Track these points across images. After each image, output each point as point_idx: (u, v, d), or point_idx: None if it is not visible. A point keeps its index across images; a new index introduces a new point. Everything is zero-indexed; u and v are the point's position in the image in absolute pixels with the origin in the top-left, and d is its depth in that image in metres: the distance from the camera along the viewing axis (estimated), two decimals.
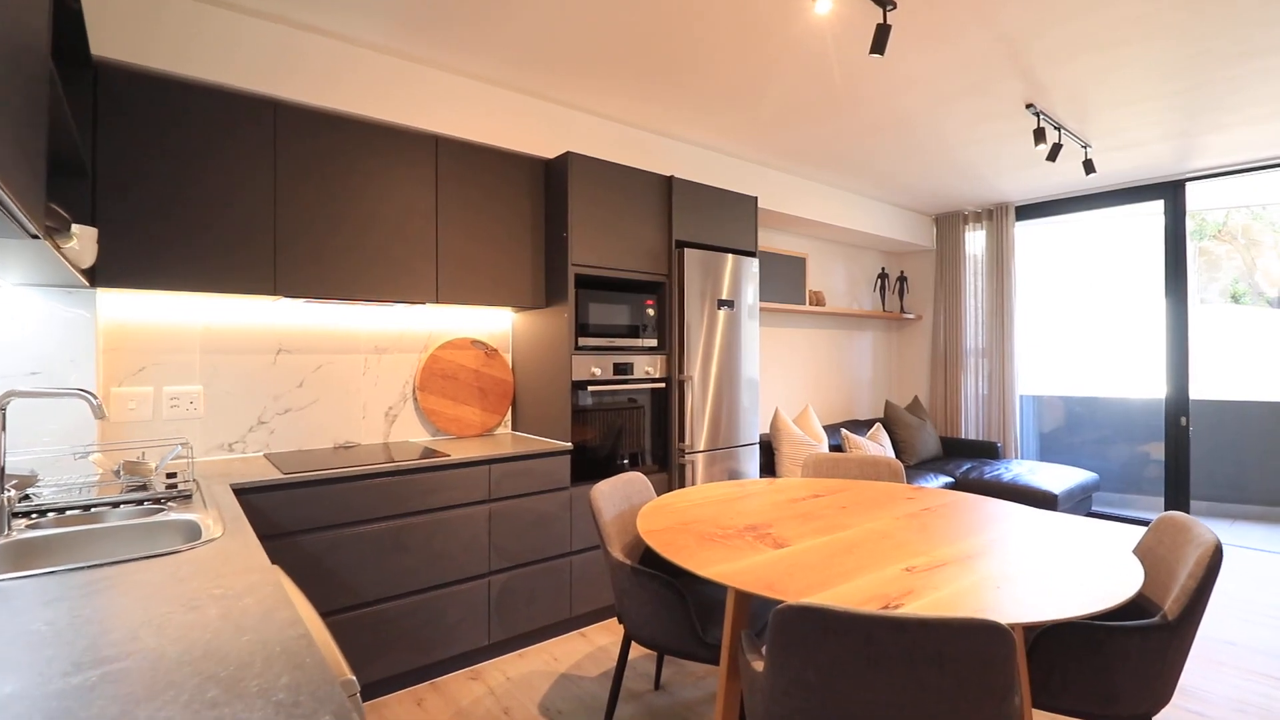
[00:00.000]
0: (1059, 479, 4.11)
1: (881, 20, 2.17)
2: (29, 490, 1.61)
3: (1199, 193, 4.31)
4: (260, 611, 0.91)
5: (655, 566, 2.08)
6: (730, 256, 3.29)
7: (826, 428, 4.51)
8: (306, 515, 2.06)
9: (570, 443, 2.74)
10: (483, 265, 2.75)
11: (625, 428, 2.96)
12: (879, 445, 4.36)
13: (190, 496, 1.67)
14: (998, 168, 4.04)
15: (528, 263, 2.89)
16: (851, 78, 2.74)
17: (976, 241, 5.09)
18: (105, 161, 1.93)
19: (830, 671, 1.10)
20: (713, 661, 1.76)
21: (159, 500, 1.61)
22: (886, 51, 2.36)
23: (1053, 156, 3.27)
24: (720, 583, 1.42)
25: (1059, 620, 1.22)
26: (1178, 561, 1.57)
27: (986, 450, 4.80)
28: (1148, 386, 4.67)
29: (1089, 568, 1.49)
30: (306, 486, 2.06)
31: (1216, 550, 1.43)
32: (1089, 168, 3.58)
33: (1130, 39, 2.41)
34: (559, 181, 2.84)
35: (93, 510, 1.52)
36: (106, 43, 1.95)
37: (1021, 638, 1.45)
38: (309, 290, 2.30)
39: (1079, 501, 4.27)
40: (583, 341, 2.80)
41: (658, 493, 3.01)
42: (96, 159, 1.92)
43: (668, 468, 3.10)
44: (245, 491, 1.95)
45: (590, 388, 2.83)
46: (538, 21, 2.29)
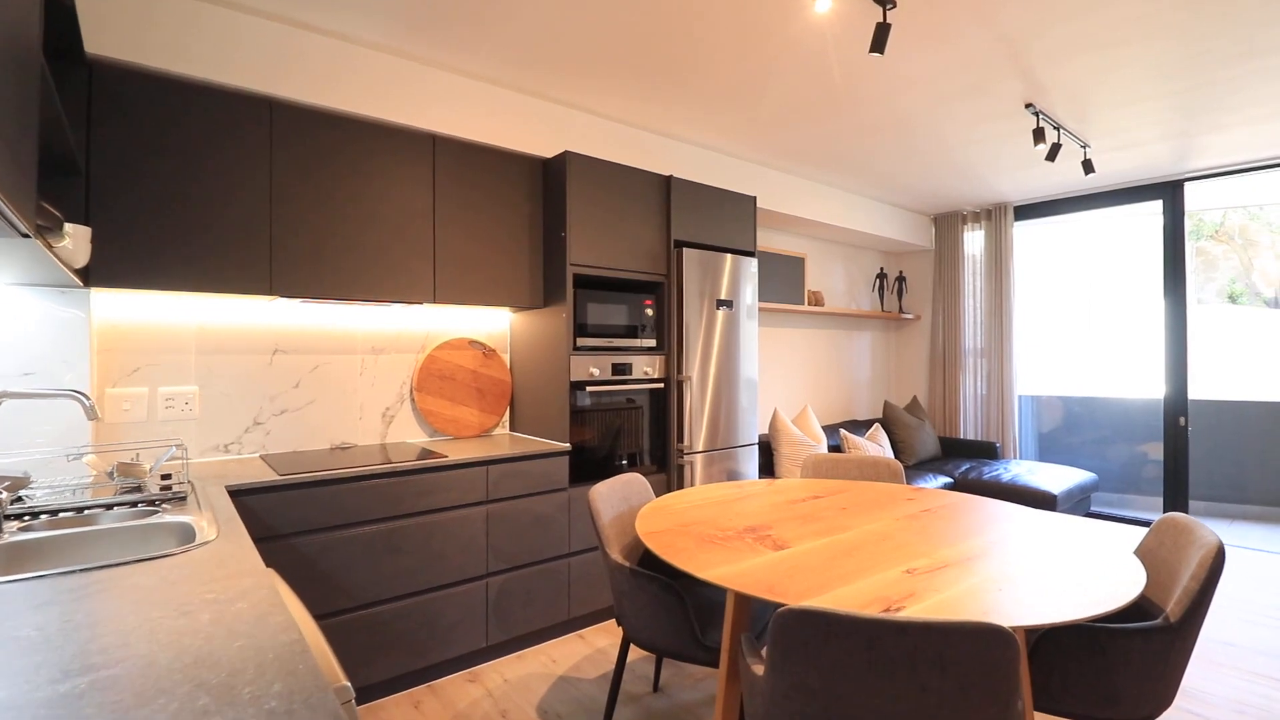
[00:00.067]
0: (1058, 479, 4.10)
1: (881, 19, 2.16)
2: (21, 492, 1.59)
3: (1197, 193, 4.31)
4: (253, 616, 0.90)
5: (654, 568, 2.07)
6: (729, 256, 3.28)
7: (825, 428, 4.50)
8: (303, 517, 2.04)
9: (568, 443, 2.72)
10: (480, 265, 2.73)
11: (624, 428, 2.94)
12: (878, 446, 4.36)
13: (185, 498, 1.65)
14: (997, 168, 4.04)
15: (526, 263, 2.88)
16: (851, 77, 2.73)
17: (975, 241, 5.09)
18: (100, 160, 1.92)
19: (832, 675, 1.09)
20: (712, 664, 1.75)
21: (153, 502, 1.59)
22: (886, 51, 2.35)
23: (1052, 156, 3.26)
24: (720, 585, 1.41)
25: (1062, 623, 1.21)
26: (1180, 563, 1.56)
27: (985, 450, 4.79)
28: (1146, 386, 4.67)
29: (1090, 569, 1.49)
30: (302, 488, 2.05)
31: (1219, 552, 1.42)
32: (1088, 168, 3.58)
33: (1130, 39, 2.40)
34: (557, 181, 2.82)
35: (86, 512, 1.50)
36: (101, 41, 1.94)
37: (1023, 640, 1.44)
38: (306, 290, 2.29)
39: (1078, 502, 4.27)
40: (581, 342, 2.79)
41: (656, 494, 3.00)
42: (90, 158, 1.90)
43: (666, 468, 3.09)
44: (240, 493, 1.93)
45: (589, 388, 2.82)
46: (536, 21, 2.28)
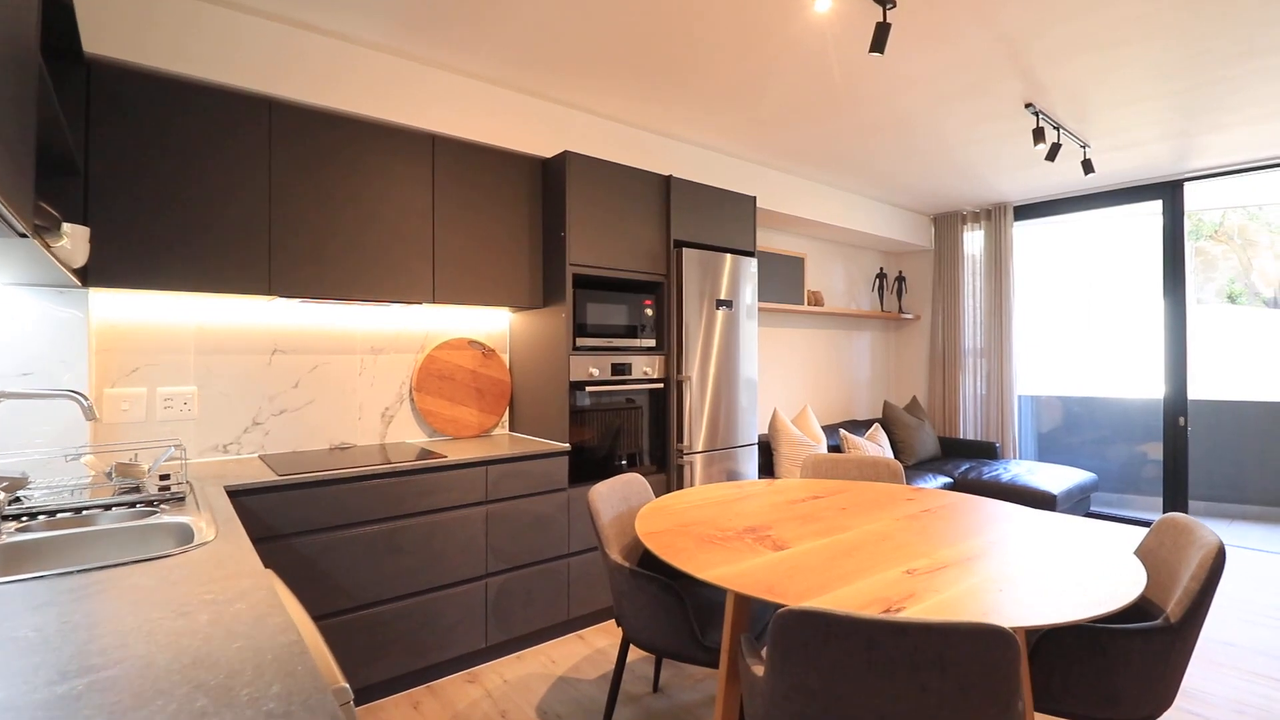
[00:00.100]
0: (1058, 479, 4.10)
1: (881, 19, 2.16)
2: (20, 492, 1.59)
3: (1196, 193, 4.31)
4: (252, 617, 0.90)
5: (654, 568, 2.07)
6: (729, 256, 3.28)
7: (825, 428, 4.50)
8: (302, 517, 2.04)
9: (568, 444, 2.72)
10: (480, 265, 2.73)
11: (623, 428, 2.94)
12: (877, 446, 4.36)
13: (183, 499, 1.65)
14: (996, 167, 4.04)
15: (525, 262, 2.87)
16: (851, 77, 2.73)
17: (975, 241, 5.09)
18: (98, 160, 1.91)
19: (832, 676, 1.09)
20: (712, 665, 1.75)
21: (151, 503, 1.59)
22: (886, 51, 2.35)
23: (1051, 156, 3.26)
24: (719, 586, 1.40)
25: (1062, 623, 1.21)
26: (1180, 563, 1.56)
27: (985, 450, 4.79)
28: (1146, 386, 4.67)
29: (1091, 570, 1.48)
30: (301, 488, 2.04)
31: (1219, 552, 1.42)
32: (1088, 168, 3.58)
33: (1130, 39, 2.40)
34: (557, 181, 2.82)
35: (84, 513, 1.50)
36: (100, 40, 1.93)
37: (1024, 640, 1.44)
38: (305, 290, 2.28)
39: (1077, 502, 4.27)
40: (580, 342, 2.79)
41: (656, 494, 3.00)
42: (89, 158, 1.90)
43: (666, 469, 3.08)
44: (239, 493, 1.93)
45: (588, 388, 2.81)
46: (536, 20, 2.27)
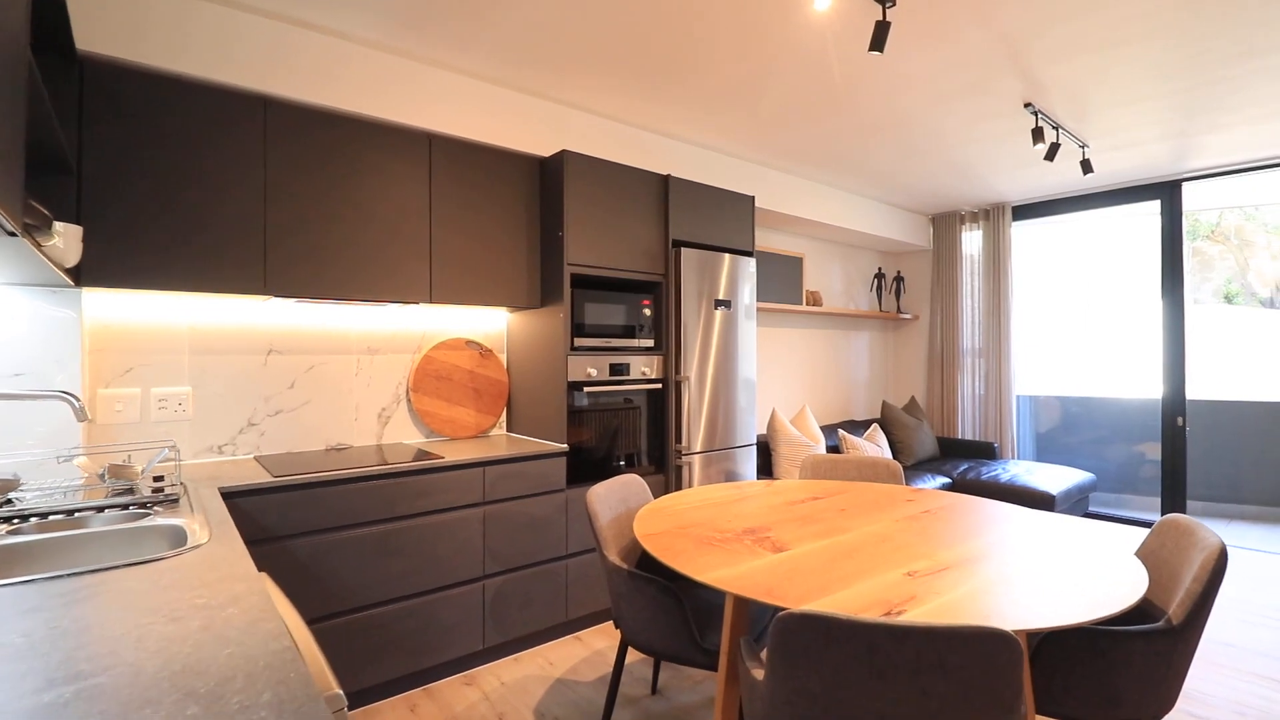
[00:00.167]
0: (1056, 479, 4.10)
1: (881, 17, 2.15)
2: (11, 494, 1.57)
3: (1194, 193, 4.31)
4: (244, 623, 0.88)
5: (653, 570, 2.05)
6: (727, 256, 3.27)
7: (824, 428, 4.49)
8: (297, 519, 2.02)
9: (566, 444, 2.71)
10: (477, 265, 2.71)
11: (621, 429, 2.93)
12: (876, 446, 4.35)
13: (177, 500, 1.63)
14: (995, 167, 4.03)
15: (523, 262, 2.86)
16: (850, 77, 2.72)
17: (973, 241, 5.08)
18: (92, 159, 1.89)
19: (833, 680, 1.08)
20: (711, 668, 1.73)
21: (144, 504, 1.57)
22: (886, 50, 2.34)
23: (1051, 156, 3.26)
24: (718, 588, 1.39)
25: (1064, 626, 1.20)
26: (1181, 565, 1.55)
27: (983, 451, 4.79)
28: (1144, 387, 4.67)
29: (1092, 571, 1.47)
30: (297, 490, 2.03)
31: (1221, 554, 1.41)
32: (1086, 167, 3.57)
33: (1130, 39, 2.39)
34: (554, 180, 2.81)
35: (76, 515, 1.48)
36: (93, 37, 1.91)
37: (1025, 643, 1.43)
38: (301, 290, 2.27)
39: (1076, 502, 4.26)
40: (578, 342, 2.77)
41: (655, 495, 2.99)
42: (82, 156, 1.88)
43: (664, 469, 3.07)
44: (234, 495, 1.91)
45: (586, 389, 2.80)
46: (534, 18, 2.26)
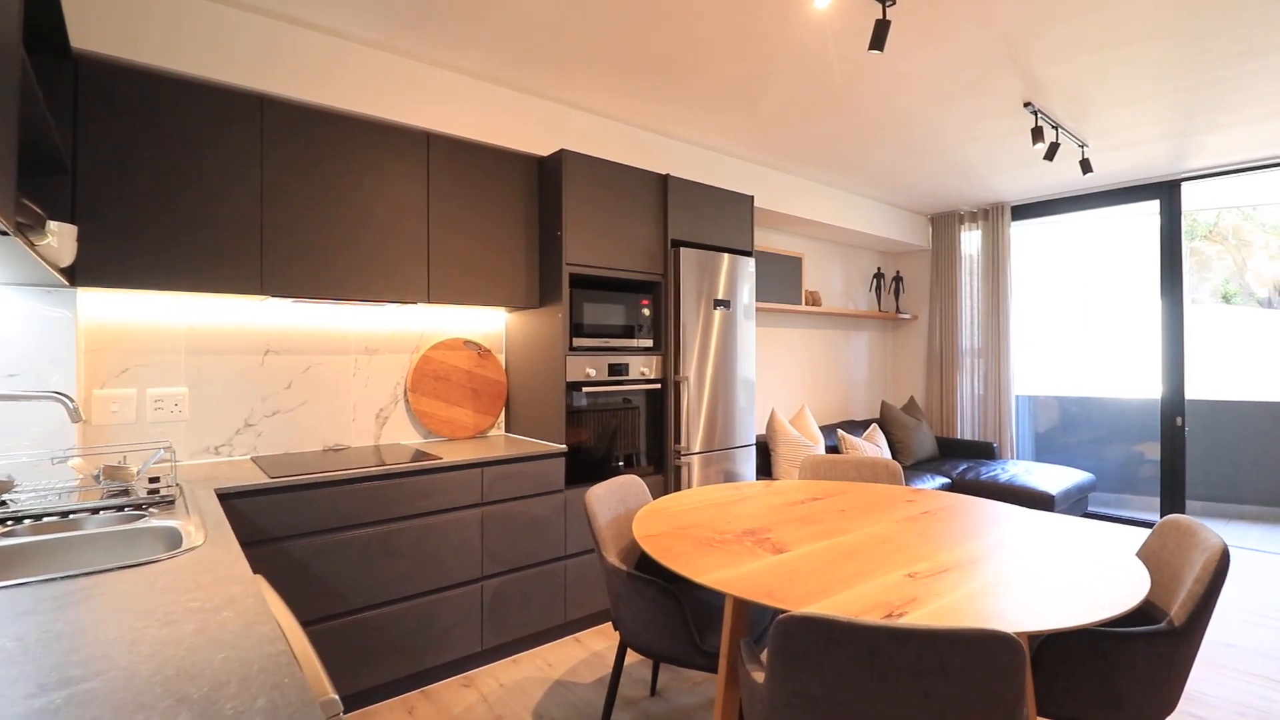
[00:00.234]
0: (1056, 479, 4.10)
1: (881, 16, 2.14)
2: (5, 496, 1.56)
3: (1192, 193, 4.31)
4: (239, 626, 0.87)
5: (652, 571, 2.05)
6: (726, 256, 3.26)
7: (823, 428, 4.49)
8: (294, 520, 2.01)
9: (564, 445, 2.70)
10: (475, 264, 2.70)
11: (620, 429, 2.92)
12: (875, 446, 4.34)
13: (173, 502, 1.62)
14: (995, 167, 4.03)
15: (521, 262, 2.85)
16: (850, 76, 2.71)
17: (972, 241, 5.08)
18: (87, 158, 1.88)
19: (834, 683, 1.07)
20: (711, 670, 1.73)
21: (140, 506, 1.56)
22: (885, 49, 2.33)
23: (1050, 156, 3.25)
24: (718, 590, 1.38)
25: (1066, 628, 1.19)
26: (1183, 566, 1.54)
27: (983, 451, 4.78)
28: (1143, 387, 4.66)
29: (1093, 572, 1.47)
30: (294, 491, 2.01)
31: (1224, 555, 1.40)
32: (1086, 167, 3.57)
33: (1130, 39, 2.39)
34: (553, 179, 2.80)
35: (71, 517, 1.47)
36: (88, 36, 1.90)
37: (1026, 645, 1.42)
38: (298, 290, 2.25)
39: (1075, 502, 4.26)
40: (577, 342, 2.76)
41: (654, 495, 2.98)
42: (78, 155, 1.87)
43: (663, 470, 3.06)
44: (230, 496, 1.90)
45: (585, 389, 2.79)
46: (532, 17, 2.25)
